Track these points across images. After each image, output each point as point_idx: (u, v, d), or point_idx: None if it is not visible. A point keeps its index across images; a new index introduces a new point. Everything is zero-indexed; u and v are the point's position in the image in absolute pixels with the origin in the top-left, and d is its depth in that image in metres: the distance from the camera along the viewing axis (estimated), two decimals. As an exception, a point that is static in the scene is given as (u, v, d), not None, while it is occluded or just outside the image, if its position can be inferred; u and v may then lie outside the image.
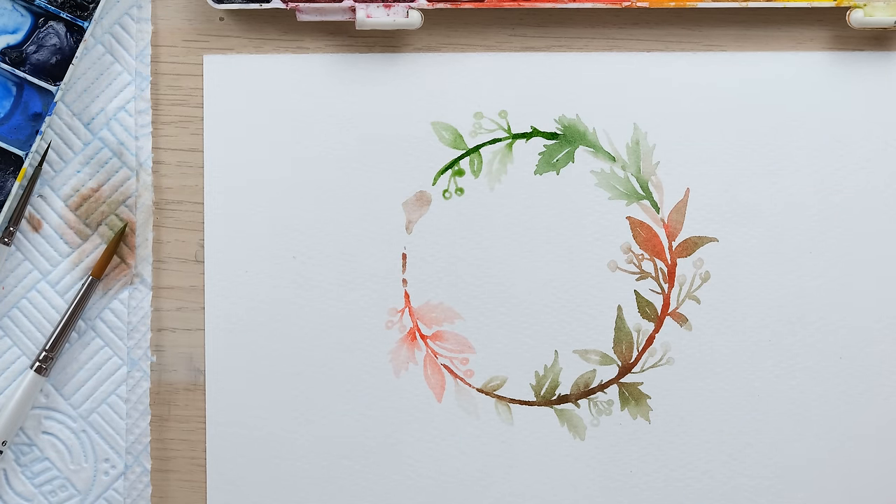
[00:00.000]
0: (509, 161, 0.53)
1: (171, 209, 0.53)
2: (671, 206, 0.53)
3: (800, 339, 0.53)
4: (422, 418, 0.53)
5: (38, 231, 0.53)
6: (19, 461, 0.53)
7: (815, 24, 0.53)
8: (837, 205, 0.53)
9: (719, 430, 0.53)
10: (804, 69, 0.53)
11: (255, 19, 0.53)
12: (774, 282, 0.53)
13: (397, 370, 0.53)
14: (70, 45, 0.52)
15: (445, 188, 0.53)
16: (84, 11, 0.52)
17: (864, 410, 0.53)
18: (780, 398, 0.53)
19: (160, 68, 0.53)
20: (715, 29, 0.53)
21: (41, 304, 0.53)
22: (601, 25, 0.53)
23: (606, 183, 0.53)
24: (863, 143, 0.53)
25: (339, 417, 0.53)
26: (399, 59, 0.53)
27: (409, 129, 0.53)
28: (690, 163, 0.53)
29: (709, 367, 0.53)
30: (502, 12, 0.53)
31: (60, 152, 0.53)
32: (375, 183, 0.53)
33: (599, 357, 0.53)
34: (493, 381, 0.53)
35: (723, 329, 0.53)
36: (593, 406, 0.53)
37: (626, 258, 0.53)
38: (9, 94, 0.52)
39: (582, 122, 0.53)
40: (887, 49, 0.53)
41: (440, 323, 0.53)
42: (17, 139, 0.52)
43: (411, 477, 0.53)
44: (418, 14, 0.51)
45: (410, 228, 0.53)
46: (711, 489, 0.53)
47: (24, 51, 0.52)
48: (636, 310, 0.53)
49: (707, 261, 0.53)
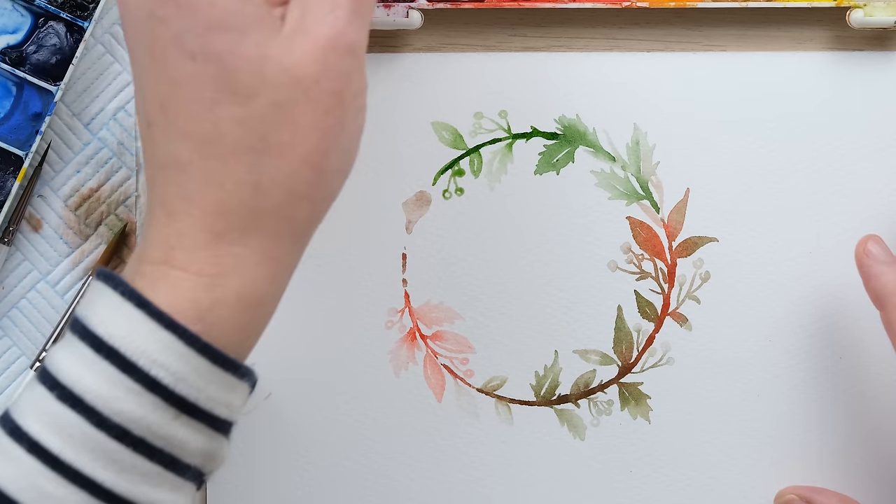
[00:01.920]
0: (509, 161, 0.53)
1: (171, 209, 0.53)
2: (671, 206, 0.53)
3: (800, 339, 0.53)
4: (422, 418, 0.53)
5: (38, 231, 0.53)
6: (19, 461, 0.53)
7: (815, 24, 0.53)
8: (837, 205, 0.53)
9: (719, 430, 0.53)
10: (804, 69, 0.53)
11: (255, 19, 0.53)
12: (774, 282, 0.53)
13: (397, 370, 0.53)
14: (70, 45, 0.52)
15: (445, 188, 0.53)
16: (84, 11, 0.52)
17: (864, 410, 0.53)
18: (780, 398, 0.53)
19: (160, 68, 0.53)
20: (715, 29, 0.53)
21: (41, 304, 0.53)
22: (601, 25, 0.53)
23: (606, 183, 0.53)
24: (863, 143, 0.53)
25: (338, 417, 0.53)
26: (399, 59, 0.53)
27: (409, 129, 0.53)
28: (690, 163, 0.53)
29: (709, 367, 0.53)
30: (502, 12, 0.53)
31: (60, 152, 0.53)
32: (375, 183, 0.53)
33: (599, 357, 0.53)
34: (493, 381, 0.53)
35: (723, 329, 0.53)
36: (593, 406, 0.53)
37: (626, 258, 0.53)
38: (9, 94, 0.52)
39: (582, 122, 0.53)
40: (887, 49, 0.53)
41: (440, 323, 0.53)
42: (17, 139, 0.52)
43: (411, 477, 0.53)
44: (418, 14, 0.51)
45: (410, 228, 0.53)
46: (711, 489, 0.53)
47: (24, 51, 0.52)
48: (636, 310, 0.53)
49: (707, 261, 0.53)
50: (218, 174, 0.39)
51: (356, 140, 0.41)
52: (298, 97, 0.39)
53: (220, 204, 0.38)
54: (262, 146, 0.38)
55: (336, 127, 0.39)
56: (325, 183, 0.40)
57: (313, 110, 0.39)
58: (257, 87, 0.38)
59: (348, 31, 0.39)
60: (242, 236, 0.39)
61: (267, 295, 0.40)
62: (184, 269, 0.38)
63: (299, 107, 0.39)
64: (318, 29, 0.39)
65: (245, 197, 0.39)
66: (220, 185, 0.38)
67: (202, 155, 0.39)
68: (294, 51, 0.39)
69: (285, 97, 0.38)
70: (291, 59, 0.38)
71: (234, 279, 0.39)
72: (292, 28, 0.39)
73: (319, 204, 0.40)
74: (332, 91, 0.39)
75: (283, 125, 0.39)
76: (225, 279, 0.38)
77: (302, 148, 0.39)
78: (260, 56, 0.38)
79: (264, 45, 0.38)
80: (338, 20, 0.39)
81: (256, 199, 0.39)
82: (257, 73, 0.38)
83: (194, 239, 0.39)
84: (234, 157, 0.38)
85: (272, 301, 0.40)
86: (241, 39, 0.38)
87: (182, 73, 0.38)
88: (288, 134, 0.39)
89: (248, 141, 0.38)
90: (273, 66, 0.38)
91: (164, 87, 0.39)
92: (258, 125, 0.38)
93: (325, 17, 0.39)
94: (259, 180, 0.39)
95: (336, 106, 0.39)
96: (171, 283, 0.38)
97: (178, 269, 0.38)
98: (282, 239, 0.40)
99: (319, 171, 0.39)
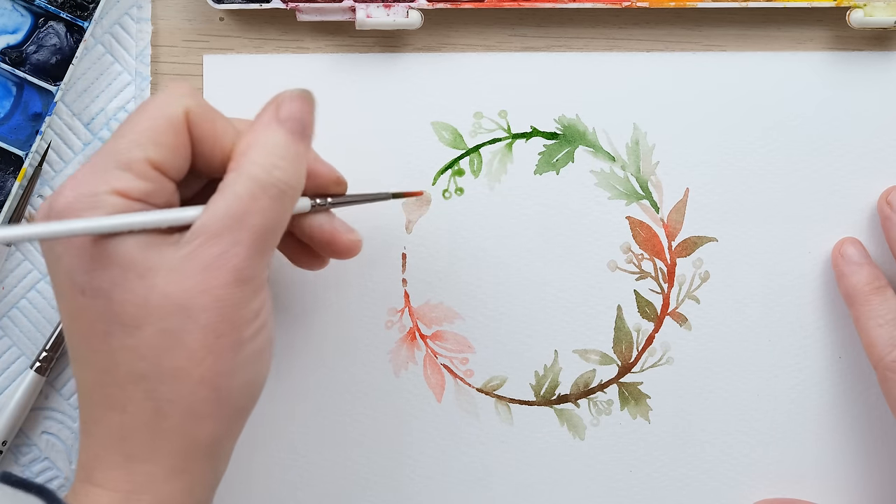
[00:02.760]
0: (509, 161, 0.53)
1: (171, 209, 0.53)
2: (671, 206, 0.53)
3: (799, 339, 0.53)
4: (422, 418, 0.53)
5: (38, 231, 0.53)
6: (19, 461, 0.53)
7: (815, 24, 0.53)
8: (837, 204, 0.53)
9: (719, 430, 0.53)
10: (804, 69, 0.53)
11: (255, 19, 0.53)
12: (774, 282, 0.53)
13: (397, 370, 0.53)
14: (70, 45, 0.52)
15: (445, 188, 0.53)
16: (84, 11, 0.52)
17: (864, 410, 0.53)
18: (780, 398, 0.53)
19: (160, 68, 0.53)
20: (715, 29, 0.53)
21: (41, 304, 0.53)
22: (601, 25, 0.53)
23: (606, 183, 0.53)
24: (862, 143, 0.53)
25: (338, 417, 0.53)
26: (399, 59, 0.53)
27: (409, 128, 0.53)
28: (690, 163, 0.53)
29: (709, 367, 0.53)
30: (502, 12, 0.53)
31: (60, 152, 0.53)
32: (375, 183, 0.53)
33: (599, 357, 0.53)
34: (493, 380, 0.53)
35: (723, 329, 0.53)
36: (593, 406, 0.53)
37: (626, 258, 0.53)
38: (9, 94, 0.52)
39: (582, 121, 0.53)
40: (887, 49, 0.53)
41: (440, 323, 0.53)
42: (17, 139, 0.52)
43: (411, 477, 0.53)
44: (418, 14, 0.51)
45: (410, 228, 0.53)
46: (711, 489, 0.53)
47: (24, 51, 0.52)
48: (636, 309, 0.53)
49: (707, 261, 0.53)
50: (119, 399, 0.40)
51: (264, 354, 0.41)
52: (187, 324, 0.39)
53: (124, 427, 0.40)
54: (156, 372, 0.39)
55: (232, 348, 0.40)
56: (228, 401, 0.40)
57: (204, 335, 0.39)
58: (144, 318, 0.39)
59: (246, 266, 0.40)
60: (151, 455, 0.40)
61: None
62: (102, 486, 0.40)
63: (189, 333, 0.39)
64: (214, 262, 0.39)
65: (146, 419, 0.40)
66: (121, 409, 0.40)
67: (102, 382, 0.40)
68: (183, 281, 0.39)
69: (174, 325, 0.39)
70: (179, 288, 0.39)
71: (149, 494, 0.40)
72: (186, 256, 0.39)
73: (226, 421, 0.41)
74: (224, 317, 0.39)
75: (175, 351, 0.39)
76: (140, 494, 0.40)
77: (197, 371, 0.39)
78: (145, 288, 0.39)
79: (149, 279, 0.39)
80: (236, 256, 0.39)
81: (158, 421, 0.40)
82: (143, 305, 0.39)
83: (108, 459, 0.40)
84: (130, 384, 0.40)
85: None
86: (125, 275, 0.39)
87: (75, 307, 0.40)
88: (181, 359, 0.39)
89: (141, 368, 0.39)
90: (158, 297, 0.39)
91: (65, 319, 0.41)
92: (149, 352, 0.39)
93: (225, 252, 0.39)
94: (157, 405, 0.40)
95: (230, 330, 0.40)
96: (92, 500, 0.40)
97: (98, 487, 0.40)
98: (191, 455, 0.40)
99: (219, 391, 0.40)
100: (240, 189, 0.40)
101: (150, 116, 0.41)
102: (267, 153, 0.41)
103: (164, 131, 0.41)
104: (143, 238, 0.39)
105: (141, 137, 0.40)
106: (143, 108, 0.41)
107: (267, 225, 0.40)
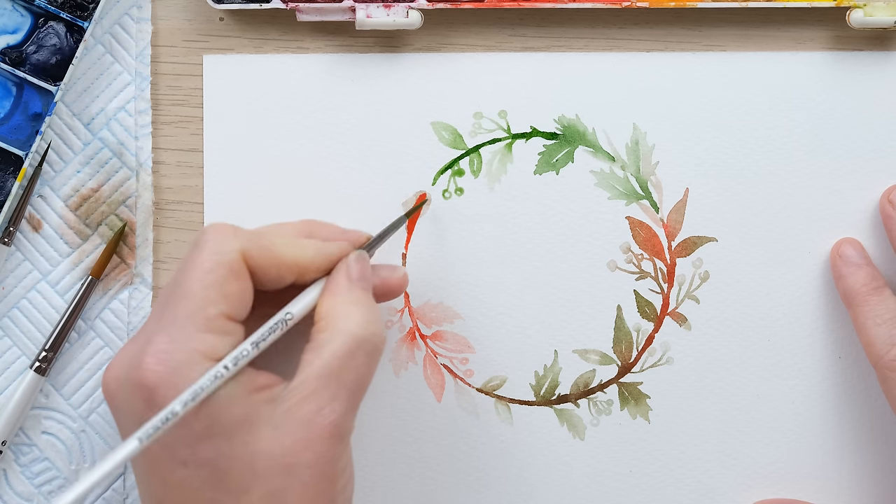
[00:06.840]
0: (509, 161, 0.53)
1: (171, 209, 0.53)
2: (670, 206, 0.53)
3: (799, 340, 0.53)
4: (421, 418, 0.53)
5: (38, 231, 0.53)
6: (19, 461, 0.53)
7: (815, 24, 0.53)
8: (837, 204, 0.53)
9: (719, 430, 0.53)
10: (804, 69, 0.53)
11: (255, 19, 0.53)
12: (774, 282, 0.53)
13: (397, 370, 0.53)
14: (70, 45, 0.52)
15: (445, 188, 0.53)
16: (84, 11, 0.52)
17: (864, 410, 0.53)
18: (780, 398, 0.53)
19: (160, 68, 0.53)
20: (715, 29, 0.53)
21: (41, 304, 0.53)
22: (601, 25, 0.53)
23: (606, 183, 0.53)
24: (862, 143, 0.53)
25: (338, 417, 0.53)
26: (399, 59, 0.53)
27: (409, 128, 0.53)
28: (690, 162, 0.53)
29: (708, 367, 0.53)
30: (502, 12, 0.53)
31: (60, 152, 0.53)
32: (375, 183, 0.53)
33: (599, 357, 0.53)
34: (493, 380, 0.53)
35: (722, 329, 0.53)
36: (593, 406, 0.53)
37: (626, 258, 0.53)
38: (9, 94, 0.52)
39: (582, 122, 0.53)
40: (887, 49, 0.53)
41: (440, 323, 0.53)
42: (17, 139, 0.52)
43: (410, 476, 0.53)
44: (418, 14, 0.51)
45: (410, 228, 0.53)
46: (711, 489, 0.53)
47: (24, 51, 0.52)
48: (636, 309, 0.53)
49: (706, 261, 0.53)
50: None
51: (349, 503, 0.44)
52: (291, 483, 0.40)
53: None
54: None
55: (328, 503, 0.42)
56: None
57: (305, 492, 0.41)
58: (251, 481, 0.40)
59: (343, 422, 0.41)
60: None
61: None
62: None
63: (293, 492, 0.40)
64: (315, 419, 0.41)
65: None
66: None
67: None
68: (285, 439, 0.40)
69: (278, 486, 0.40)
70: (282, 448, 0.40)
71: None
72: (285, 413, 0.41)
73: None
74: (324, 474, 0.41)
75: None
76: None
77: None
78: (249, 453, 0.40)
79: (252, 443, 0.40)
80: (333, 412, 0.41)
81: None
82: (248, 470, 0.40)
83: None
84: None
85: None
86: (229, 442, 0.40)
87: (175, 479, 0.40)
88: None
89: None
90: (263, 460, 0.40)
91: (159, 488, 0.41)
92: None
93: (323, 409, 0.41)
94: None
95: (328, 487, 0.41)
96: None
97: None
98: None
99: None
100: (336, 347, 0.42)
101: (209, 269, 0.42)
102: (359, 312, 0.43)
103: (227, 281, 0.42)
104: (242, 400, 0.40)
105: (210, 293, 0.41)
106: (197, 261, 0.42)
107: (360, 381, 0.42)
